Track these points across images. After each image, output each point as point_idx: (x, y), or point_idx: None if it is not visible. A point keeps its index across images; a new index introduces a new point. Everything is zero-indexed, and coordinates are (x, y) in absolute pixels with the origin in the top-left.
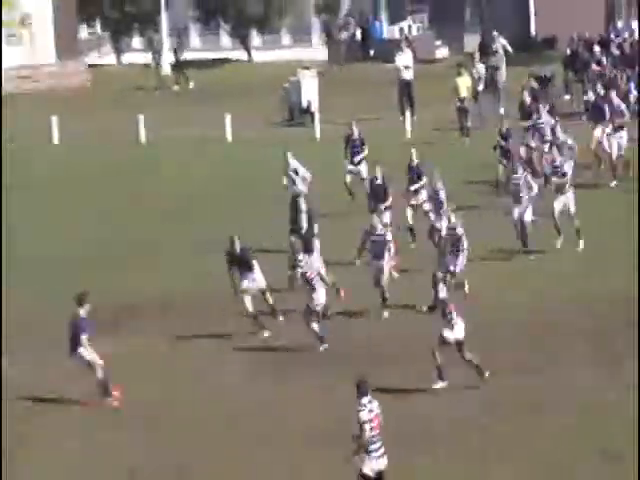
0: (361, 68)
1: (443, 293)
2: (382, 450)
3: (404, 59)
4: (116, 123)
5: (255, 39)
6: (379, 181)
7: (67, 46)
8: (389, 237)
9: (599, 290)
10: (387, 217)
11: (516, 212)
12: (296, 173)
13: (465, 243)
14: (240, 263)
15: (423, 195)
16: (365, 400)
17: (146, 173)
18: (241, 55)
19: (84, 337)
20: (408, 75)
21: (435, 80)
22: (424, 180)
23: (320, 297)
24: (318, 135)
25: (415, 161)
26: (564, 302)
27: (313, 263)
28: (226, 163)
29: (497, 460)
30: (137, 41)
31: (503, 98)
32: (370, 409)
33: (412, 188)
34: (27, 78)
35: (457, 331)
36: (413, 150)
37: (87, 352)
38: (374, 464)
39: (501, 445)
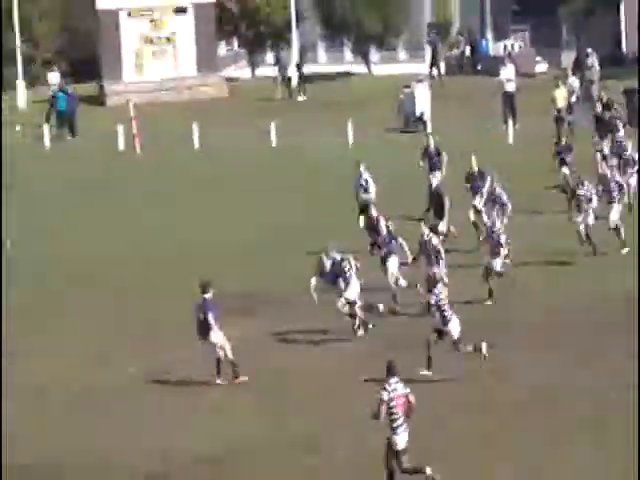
0: (469, 81)
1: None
2: (404, 426)
3: (507, 73)
4: (250, 130)
5: (374, 55)
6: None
7: (207, 61)
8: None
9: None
10: (442, 225)
11: (580, 220)
12: (367, 182)
13: (503, 245)
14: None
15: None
16: (393, 380)
17: (278, 173)
18: (362, 69)
19: (212, 319)
20: (511, 87)
21: (535, 92)
22: (486, 185)
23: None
24: None
25: (475, 169)
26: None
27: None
28: (349, 164)
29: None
30: (270, 57)
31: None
32: (394, 388)
33: (476, 202)
34: (171, 89)
35: (452, 326)
36: (473, 158)
37: (217, 335)
38: (400, 439)
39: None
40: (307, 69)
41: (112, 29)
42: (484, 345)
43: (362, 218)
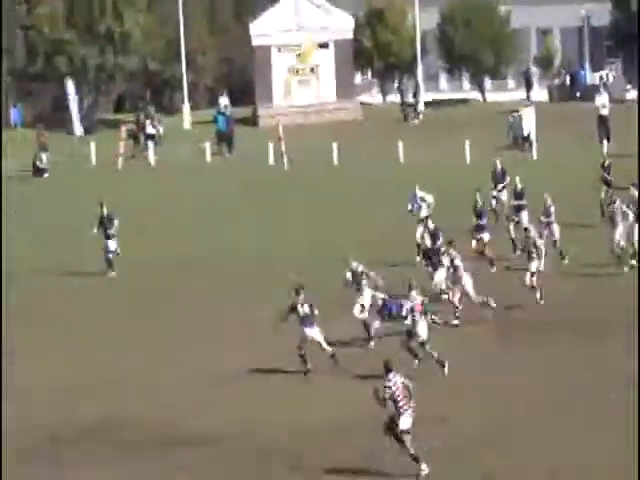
0: (570, 106)
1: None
2: (410, 410)
3: (602, 99)
4: (381, 147)
5: (488, 83)
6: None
7: (345, 88)
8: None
9: None
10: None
11: (616, 234)
12: (423, 200)
13: (539, 249)
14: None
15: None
16: (391, 375)
17: (406, 186)
18: (477, 96)
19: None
20: (605, 112)
21: (625, 116)
22: (524, 201)
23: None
24: (535, 157)
25: (519, 186)
26: None
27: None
28: (467, 178)
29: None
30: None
31: None
32: (394, 382)
33: (518, 217)
34: (314, 113)
35: (420, 329)
36: (517, 178)
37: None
38: (405, 421)
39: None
40: (430, 96)
41: (265, 62)
42: (446, 364)
43: (419, 230)
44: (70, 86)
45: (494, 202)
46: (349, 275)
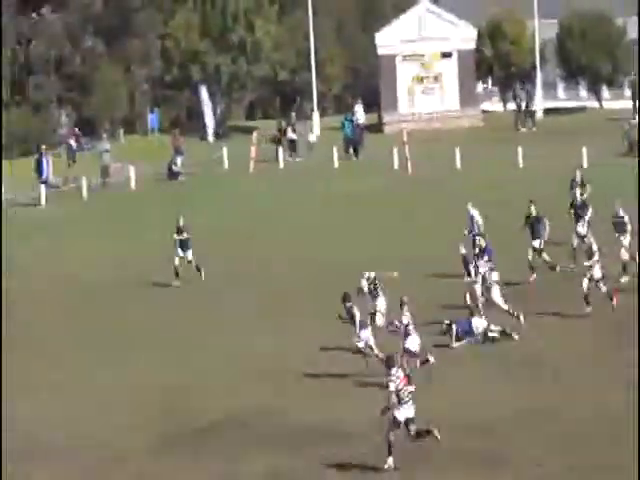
0: None
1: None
2: (410, 402)
3: None
4: (501, 153)
5: (605, 92)
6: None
7: (467, 97)
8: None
9: None
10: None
11: None
12: (474, 218)
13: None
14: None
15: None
16: (393, 370)
17: (526, 188)
18: (594, 104)
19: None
20: None
21: None
22: (589, 213)
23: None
24: None
25: (580, 198)
26: None
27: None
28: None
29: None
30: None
31: None
32: (397, 376)
33: (579, 228)
34: (437, 120)
35: (410, 342)
36: (578, 190)
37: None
38: (402, 412)
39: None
40: (548, 104)
41: (390, 70)
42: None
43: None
44: (204, 93)
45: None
46: (364, 284)
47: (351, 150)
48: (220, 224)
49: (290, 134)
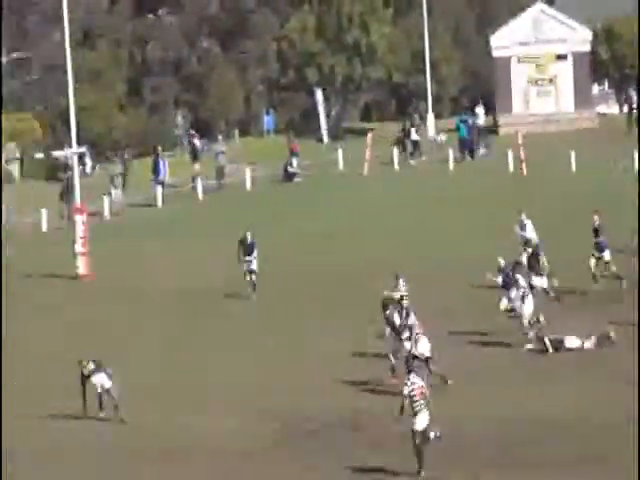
0: None
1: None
2: (424, 410)
3: None
4: (616, 155)
5: None
6: None
7: (582, 99)
8: None
9: None
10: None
11: None
12: (526, 227)
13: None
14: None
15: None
16: (411, 376)
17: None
18: None
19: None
20: None
21: None
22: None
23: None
24: None
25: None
26: None
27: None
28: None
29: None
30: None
31: None
32: (413, 382)
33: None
34: (553, 122)
35: (420, 346)
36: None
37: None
38: (418, 423)
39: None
40: None
41: (505, 72)
42: (449, 381)
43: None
44: (319, 95)
45: None
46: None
47: (466, 151)
48: (333, 226)
49: (413, 135)
